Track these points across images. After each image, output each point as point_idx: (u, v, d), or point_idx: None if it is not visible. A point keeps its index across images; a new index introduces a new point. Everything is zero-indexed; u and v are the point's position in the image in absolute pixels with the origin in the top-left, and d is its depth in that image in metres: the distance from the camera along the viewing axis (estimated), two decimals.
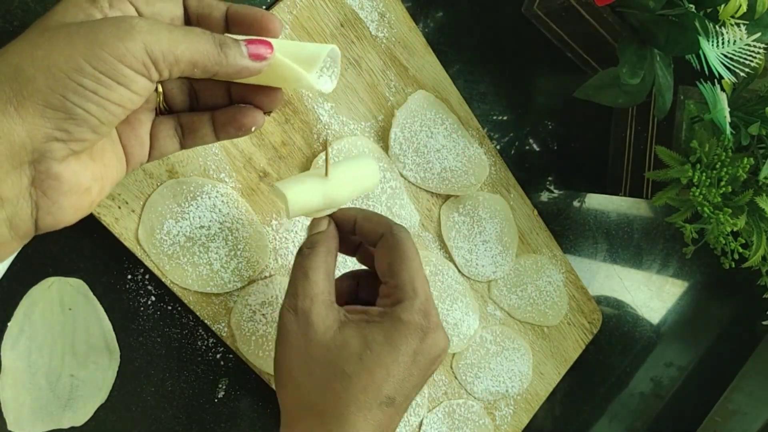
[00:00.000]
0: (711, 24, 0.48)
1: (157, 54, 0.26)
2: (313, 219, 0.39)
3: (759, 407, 0.86)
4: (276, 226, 0.50)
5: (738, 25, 0.49)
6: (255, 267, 0.49)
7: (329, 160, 0.38)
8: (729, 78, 0.50)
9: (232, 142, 0.46)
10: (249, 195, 0.48)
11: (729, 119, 0.52)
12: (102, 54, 0.25)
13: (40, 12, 0.41)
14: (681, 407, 0.86)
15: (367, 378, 0.32)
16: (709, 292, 0.83)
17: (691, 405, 0.87)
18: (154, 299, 0.48)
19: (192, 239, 0.46)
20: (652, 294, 0.78)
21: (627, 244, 0.74)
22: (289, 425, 0.35)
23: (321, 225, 0.38)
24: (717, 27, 0.49)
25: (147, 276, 0.48)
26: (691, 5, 0.48)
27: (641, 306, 0.78)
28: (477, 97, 0.60)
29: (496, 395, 0.63)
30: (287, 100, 0.48)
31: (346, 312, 0.35)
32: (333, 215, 0.39)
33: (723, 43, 0.48)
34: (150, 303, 0.48)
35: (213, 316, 0.48)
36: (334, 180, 0.38)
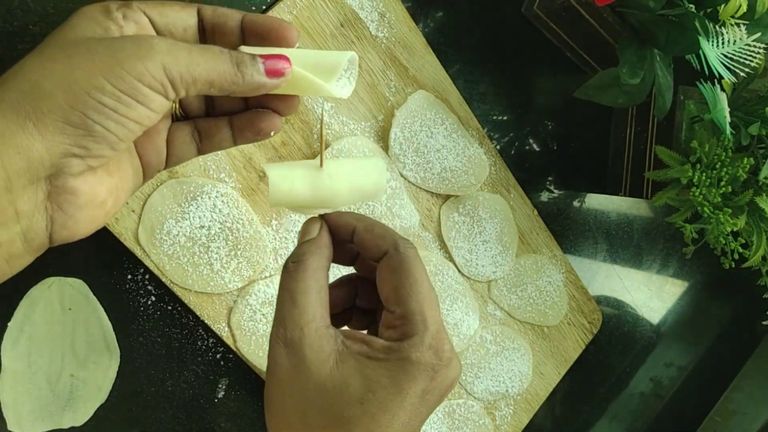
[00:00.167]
0: (711, 24, 0.48)
1: (175, 74, 0.27)
2: (305, 222, 0.34)
3: (759, 407, 0.86)
4: (276, 226, 0.50)
5: (738, 25, 0.49)
6: (255, 267, 0.49)
7: (324, 146, 0.33)
8: (729, 78, 0.50)
9: None
10: (249, 195, 0.48)
11: (729, 119, 0.52)
12: (122, 73, 0.26)
13: (39, 12, 0.41)
14: (681, 407, 0.86)
15: (369, 423, 0.29)
16: (709, 292, 0.83)
17: (691, 405, 0.87)
18: (154, 299, 0.48)
19: (192, 239, 0.46)
20: (652, 294, 0.78)
21: (627, 244, 0.74)
22: None
23: (311, 231, 0.33)
24: (717, 27, 0.49)
25: (147, 276, 0.48)
26: (691, 5, 0.48)
27: (641, 306, 0.78)
28: (477, 97, 0.60)
29: (496, 395, 0.63)
30: None
31: (344, 339, 0.30)
32: (327, 219, 0.34)
33: (723, 43, 0.48)
34: (150, 303, 0.48)
35: (213, 316, 0.48)
36: (328, 172, 0.33)
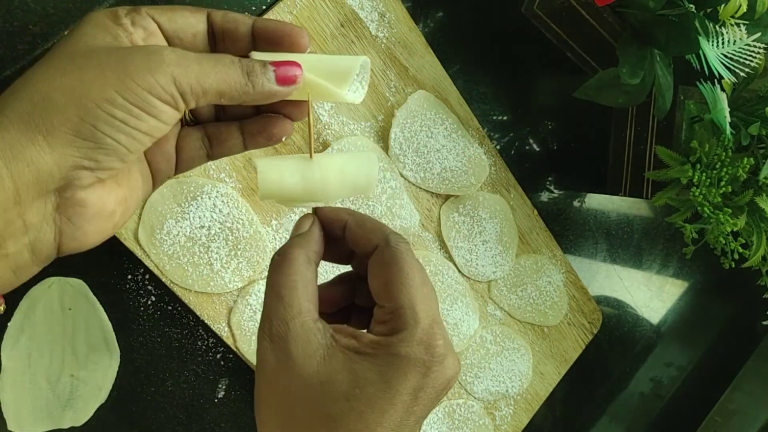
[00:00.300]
0: (711, 24, 0.48)
1: (185, 86, 0.27)
2: (299, 219, 0.34)
3: (759, 407, 0.86)
4: (276, 226, 0.50)
5: (738, 25, 0.49)
6: (255, 267, 0.49)
7: (312, 136, 0.33)
8: (729, 78, 0.50)
9: None
10: (249, 195, 0.48)
11: (729, 119, 0.52)
12: (132, 85, 0.26)
13: (39, 12, 0.41)
14: (681, 407, 0.86)
15: (357, 421, 0.27)
16: (709, 292, 0.83)
17: (691, 405, 0.87)
18: (154, 299, 0.48)
19: (192, 239, 0.46)
20: (652, 294, 0.78)
21: (627, 244, 0.74)
22: None
23: (303, 226, 0.33)
24: (717, 27, 0.49)
25: (147, 276, 0.48)
26: (691, 5, 0.48)
27: (641, 306, 0.78)
28: (477, 97, 0.60)
29: (496, 395, 0.63)
30: None
31: (333, 333, 0.29)
32: (319, 213, 0.33)
33: (723, 43, 0.48)
34: (150, 303, 0.48)
35: (213, 316, 0.48)
36: (319, 163, 0.33)
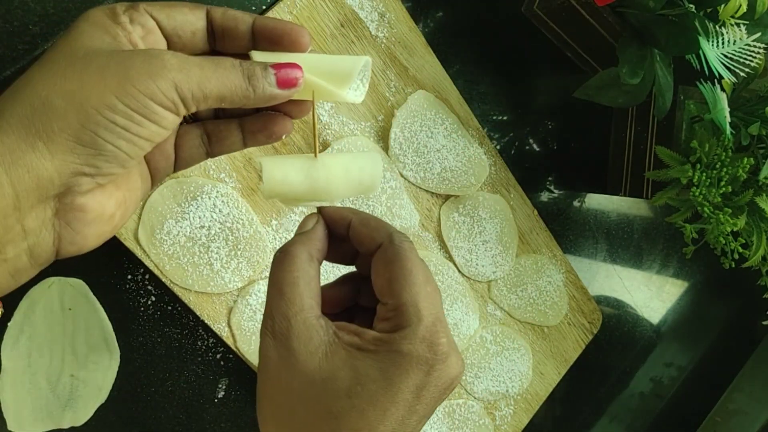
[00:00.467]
0: (711, 24, 0.48)
1: (186, 92, 0.27)
2: (304, 218, 0.34)
3: (759, 407, 0.86)
4: (276, 226, 0.50)
5: (738, 25, 0.49)
6: (255, 267, 0.49)
7: (316, 135, 0.33)
8: (729, 78, 0.50)
9: None
10: (249, 195, 0.48)
11: (729, 119, 0.52)
12: (133, 91, 0.25)
13: (39, 12, 0.41)
14: (681, 407, 0.86)
15: (358, 419, 0.27)
16: (709, 292, 0.83)
17: (691, 405, 0.87)
18: (154, 299, 0.48)
19: (192, 239, 0.46)
20: (652, 294, 0.78)
21: (627, 244, 0.74)
22: None
23: (307, 224, 0.33)
24: (717, 27, 0.49)
25: (147, 276, 0.48)
26: (691, 5, 0.48)
27: (641, 306, 0.78)
28: (477, 97, 0.60)
29: (496, 395, 0.63)
30: None
31: (336, 330, 0.29)
32: (324, 213, 0.34)
33: (723, 43, 0.48)
34: (150, 303, 0.48)
35: (213, 316, 0.48)
36: (323, 162, 0.33)
